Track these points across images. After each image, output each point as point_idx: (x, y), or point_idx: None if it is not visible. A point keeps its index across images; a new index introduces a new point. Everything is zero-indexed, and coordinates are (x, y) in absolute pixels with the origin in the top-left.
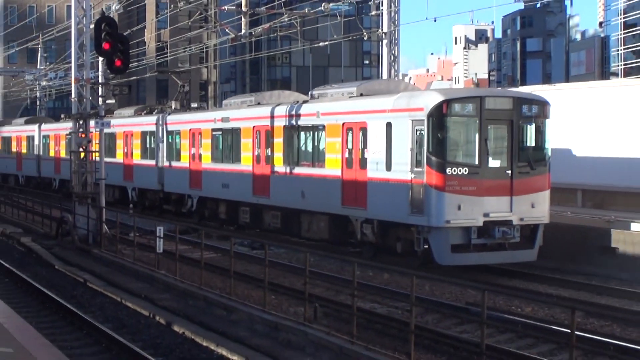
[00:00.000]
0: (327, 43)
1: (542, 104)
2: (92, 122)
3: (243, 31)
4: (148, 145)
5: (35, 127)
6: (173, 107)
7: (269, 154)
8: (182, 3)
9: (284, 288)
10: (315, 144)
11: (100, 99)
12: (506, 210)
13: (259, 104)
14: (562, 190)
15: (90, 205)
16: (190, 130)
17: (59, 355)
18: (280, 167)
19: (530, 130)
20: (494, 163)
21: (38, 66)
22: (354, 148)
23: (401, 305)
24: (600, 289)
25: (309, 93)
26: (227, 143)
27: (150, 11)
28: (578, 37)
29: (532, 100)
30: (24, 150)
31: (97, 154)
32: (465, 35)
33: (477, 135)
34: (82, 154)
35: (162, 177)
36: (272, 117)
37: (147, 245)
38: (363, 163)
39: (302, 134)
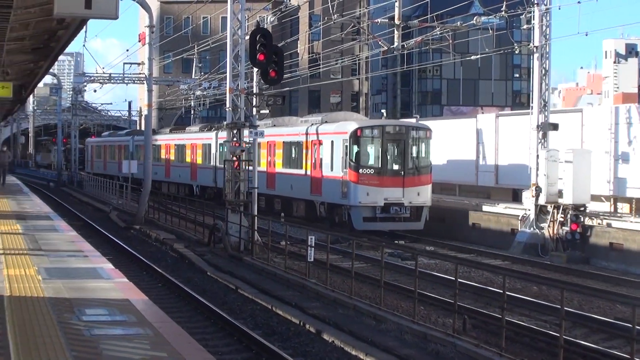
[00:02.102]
0: (478, 56)
1: (426, 130)
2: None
3: (395, 44)
4: (206, 154)
5: (129, 138)
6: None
7: (275, 160)
8: (335, 16)
9: (432, 299)
10: (298, 154)
11: (254, 109)
12: (400, 196)
13: (274, 125)
14: None
15: (242, 213)
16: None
17: None
18: (280, 169)
19: (417, 146)
20: (392, 167)
21: (193, 76)
22: (317, 157)
23: (549, 319)
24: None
25: (299, 119)
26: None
27: (304, 23)
28: None
29: (419, 127)
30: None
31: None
32: (615, 50)
33: (380, 149)
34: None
35: (216, 176)
36: (276, 135)
37: (297, 253)
38: (320, 166)
39: (292, 147)
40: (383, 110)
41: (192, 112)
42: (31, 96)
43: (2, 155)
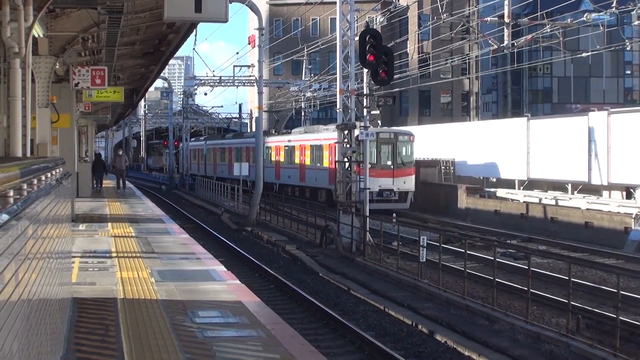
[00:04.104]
0: (589, 54)
1: (409, 135)
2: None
3: (505, 42)
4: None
5: (203, 143)
6: (271, 132)
7: (305, 158)
8: (444, 15)
9: (545, 299)
10: (321, 153)
11: (364, 110)
12: (390, 184)
13: (306, 132)
14: None
15: (354, 214)
16: (275, 146)
17: None
18: (309, 165)
19: (404, 147)
20: (384, 162)
21: (303, 78)
22: (332, 156)
23: None
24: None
25: (322, 127)
26: (290, 153)
27: (413, 23)
28: None
29: (404, 132)
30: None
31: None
32: None
33: (375, 149)
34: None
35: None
36: (305, 140)
37: (409, 254)
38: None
39: (316, 149)
40: (379, 121)
41: (303, 113)
42: (142, 100)
43: (118, 160)
